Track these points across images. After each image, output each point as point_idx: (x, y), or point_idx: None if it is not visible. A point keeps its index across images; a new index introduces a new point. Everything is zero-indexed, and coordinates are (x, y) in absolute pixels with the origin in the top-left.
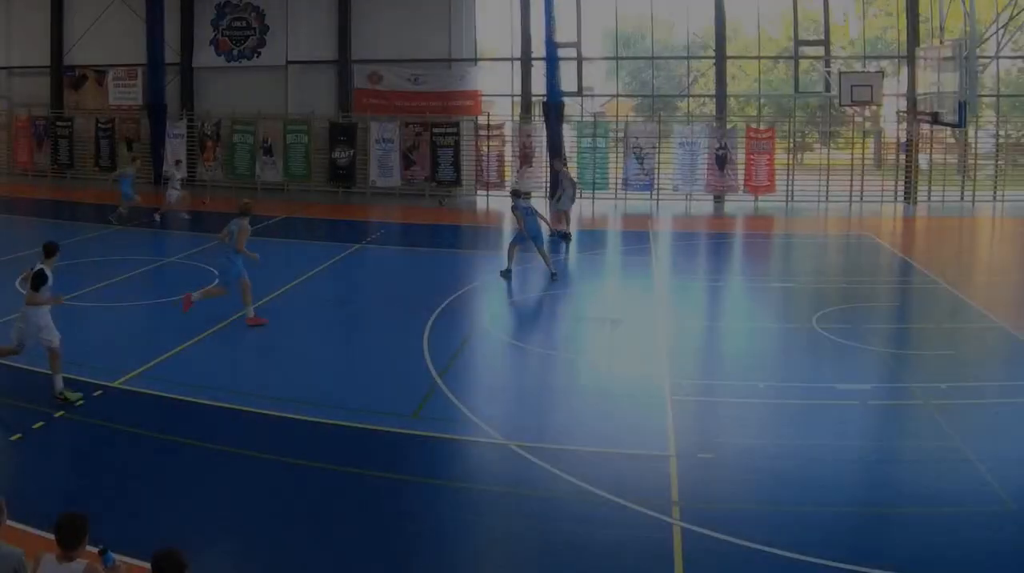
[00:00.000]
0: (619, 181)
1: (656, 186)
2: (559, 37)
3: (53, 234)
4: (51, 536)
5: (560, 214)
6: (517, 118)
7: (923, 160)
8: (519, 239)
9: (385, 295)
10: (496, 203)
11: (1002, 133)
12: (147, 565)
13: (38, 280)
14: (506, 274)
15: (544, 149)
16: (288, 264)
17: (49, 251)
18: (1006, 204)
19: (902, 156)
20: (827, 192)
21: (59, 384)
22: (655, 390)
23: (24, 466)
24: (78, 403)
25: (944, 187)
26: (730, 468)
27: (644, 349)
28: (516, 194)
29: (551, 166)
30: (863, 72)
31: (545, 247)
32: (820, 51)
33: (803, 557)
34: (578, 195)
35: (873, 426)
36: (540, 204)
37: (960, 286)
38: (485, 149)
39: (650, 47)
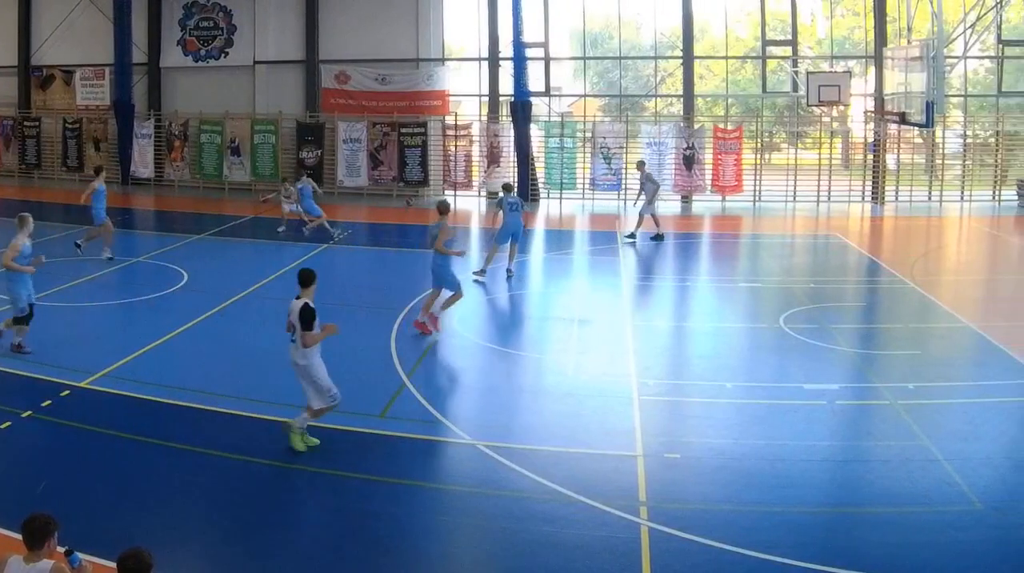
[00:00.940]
0: (586, 181)
1: (624, 186)
2: (526, 37)
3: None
4: (18, 537)
5: (647, 217)
6: (484, 118)
7: (891, 160)
8: (499, 238)
9: (352, 295)
10: (464, 203)
11: (969, 133)
12: (114, 565)
13: None
14: (481, 274)
15: (511, 149)
16: (256, 264)
17: None
18: (973, 204)
19: (870, 156)
20: (795, 192)
21: None
22: (622, 390)
23: None
24: None
25: (912, 187)
26: (698, 468)
27: (611, 349)
28: (508, 188)
29: (637, 168)
30: (831, 72)
31: (510, 247)
32: (788, 51)
33: (771, 557)
34: (658, 197)
35: (841, 426)
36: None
37: (928, 286)
38: (452, 149)
39: (617, 47)
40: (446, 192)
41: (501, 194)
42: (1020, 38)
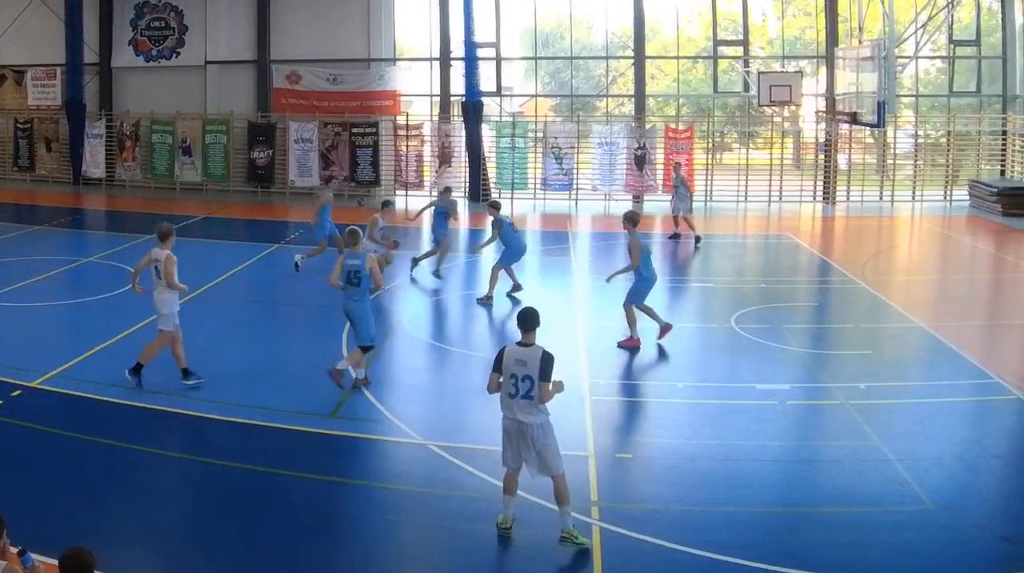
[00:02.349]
0: (538, 181)
1: (575, 186)
2: (478, 37)
3: None
4: None
5: (681, 218)
6: (436, 118)
7: (842, 160)
8: (506, 259)
9: (304, 295)
10: (415, 203)
11: (921, 133)
12: None
13: None
14: (486, 301)
15: (463, 149)
16: (207, 264)
17: None
18: (925, 204)
19: (821, 156)
20: (746, 192)
21: None
22: (573, 390)
23: None
24: None
25: (863, 187)
26: (649, 468)
27: (562, 349)
28: (496, 206)
29: (674, 170)
30: (782, 72)
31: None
32: (739, 51)
33: (722, 557)
34: (690, 197)
35: (792, 426)
36: (460, 204)
37: (879, 286)
38: (404, 149)
39: (569, 47)
40: (397, 192)
41: (497, 214)
42: (971, 38)
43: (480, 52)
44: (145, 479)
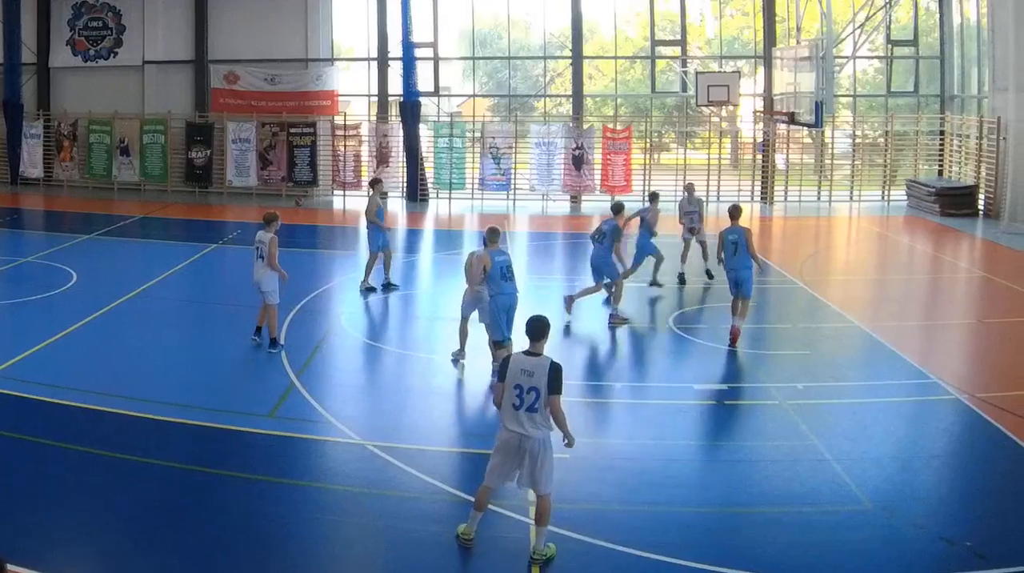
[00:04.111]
0: (476, 181)
1: (513, 186)
2: (415, 37)
3: None
4: None
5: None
6: (374, 118)
7: (780, 160)
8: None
9: (242, 295)
10: (353, 203)
11: (858, 133)
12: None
13: None
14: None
15: (401, 149)
16: (145, 264)
17: None
18: (863, 204)
19: (759, 156)
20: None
21: None
22: None
23: None
24: None
25: (801, 187)
26: (587, 468)
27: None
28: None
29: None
30: (720, 72)
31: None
32: (677, 51)
33: (661, 557)
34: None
35: (730, 426)
36: (396, 203)
37: (816, 286)
38: (342, 149)
39: (507, 47)
40: (335, 192)
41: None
42: (909, 38)
43: (418, 52)
44: (78, 478)
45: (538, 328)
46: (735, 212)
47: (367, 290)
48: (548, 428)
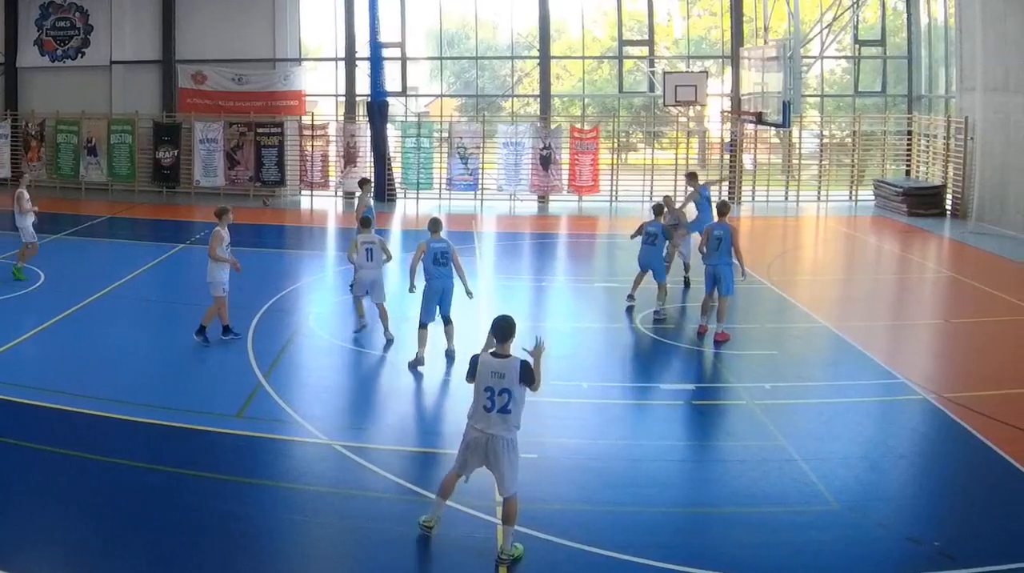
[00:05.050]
0: (443, 181)
1: (480, 186)
2: (383, 37)
3: None
4: None
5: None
6: (341, 118)
7: (747, 160)
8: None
9: (210, 295)
10: (320, 203)
11: (826, 133)
12: None
13: None
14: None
15: (368, 149)
16: (112, 264)
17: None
18: (830, 204)
19: (726, 156)
20: (651, 192)
21: None
22: None
23: None
24: None
25: (768, 187)
26: (554, 468)
27: (467, 349)
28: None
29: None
30: (687, 72)
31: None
32: (644, 51)
33: (628, 557)
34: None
35: (698, 426)
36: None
37: (784, 286)
38: (309, 149)
39: (474, 47)
40: (303, 192)
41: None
42: (876, 38)
43: (385, 52)
44: (46, 479)
45: (505, 329)
46: (723, 208)
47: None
48: (516, 429)
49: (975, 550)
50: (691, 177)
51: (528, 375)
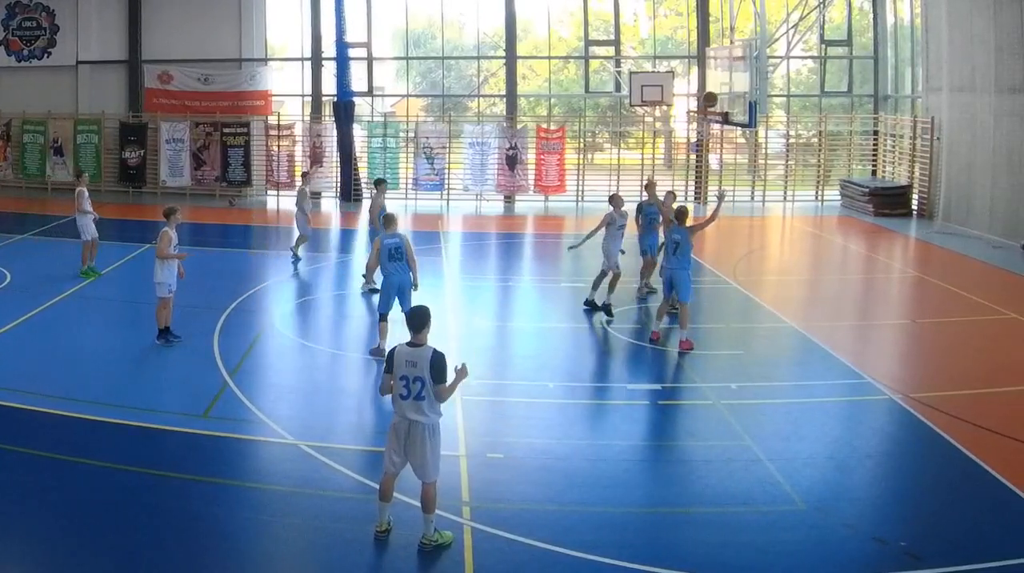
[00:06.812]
0: (409, 181)
1: (446, 186)
2: (349, 37)
3: None
4: None
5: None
6: (307, 118)
7: (713, 160)
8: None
9: (176, 295)
10: (286, 203)
11: (792, 133)
12: None
13: None
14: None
15: (334, 149)
16: (79, 264)
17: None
18: (796, 204)
19: (692, 156)
20: (617, 192)
21: None
22: None
23: None
24: None
25: (734, 187)
26: (520, 468)
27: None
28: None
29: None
30: (653, 72)
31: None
32: (611, 51)
33: (594, 557)
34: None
35: (664, 426)
36: (330, 203)
37: (750, 286)
38: (275, 149)
39: (440, 47)
40: (269, 192)
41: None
42: (843, 38)
43: (351, 52)
44: (11, 478)
45: (417, 318)
46: (681, 215)
47: (370, 292)
48: (437, 414)
49: (941, 550)
50: (651, 187)
51: (437, 367)
